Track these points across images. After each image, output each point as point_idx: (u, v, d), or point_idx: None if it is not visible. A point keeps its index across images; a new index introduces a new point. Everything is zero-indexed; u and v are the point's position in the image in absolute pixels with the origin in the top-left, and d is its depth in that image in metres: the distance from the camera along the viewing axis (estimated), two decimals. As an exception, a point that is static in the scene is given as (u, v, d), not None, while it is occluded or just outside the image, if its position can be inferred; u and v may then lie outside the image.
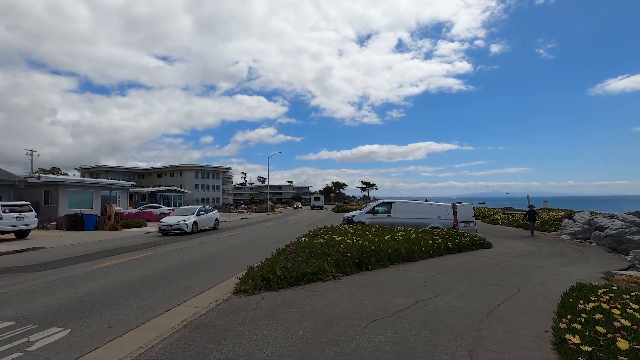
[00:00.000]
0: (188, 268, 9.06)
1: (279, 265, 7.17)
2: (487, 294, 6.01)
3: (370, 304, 5.43)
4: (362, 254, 8.70)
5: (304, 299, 5.75)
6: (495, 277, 7.65)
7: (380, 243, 9.80)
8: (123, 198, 36.71)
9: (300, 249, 8.77)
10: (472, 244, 12.98)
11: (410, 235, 11.94)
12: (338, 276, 7.52)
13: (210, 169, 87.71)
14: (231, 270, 8.58)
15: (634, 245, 13.33)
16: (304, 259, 7.79)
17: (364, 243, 9.45)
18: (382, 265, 8.95)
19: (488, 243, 13.81)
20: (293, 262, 7.41)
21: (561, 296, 5.34)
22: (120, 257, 10.79)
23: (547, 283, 7.05)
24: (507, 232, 20.00)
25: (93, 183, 30.89)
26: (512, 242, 15.74)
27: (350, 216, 17.46)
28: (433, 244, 11.30)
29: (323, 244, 9.17)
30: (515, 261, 10.12)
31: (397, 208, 16.81)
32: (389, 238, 10.76)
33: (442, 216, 16.41)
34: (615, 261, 11.18)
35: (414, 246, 10.56)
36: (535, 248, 13.86)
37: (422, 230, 13.31)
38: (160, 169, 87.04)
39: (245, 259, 10.17)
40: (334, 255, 8.26)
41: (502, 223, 25.45)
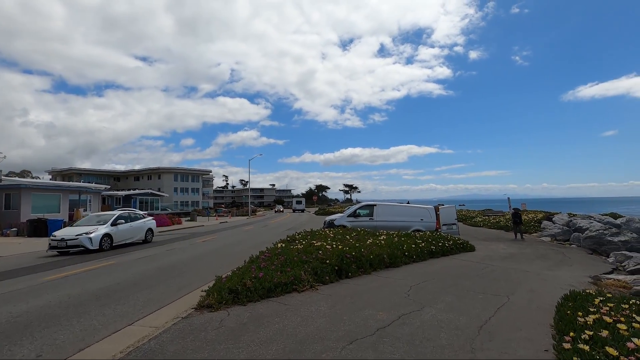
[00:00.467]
0: (152, 278, 8.23)
1: (249, 275, 6.49)
2: (476, 304, 5.53)
3: (349, 319, 4.84)
4: (341, 260, 8.12)
5: (274, 314, 5.10)
6: (482, 283, 7.21)
7: (361, 248, 9.25)
8: (94, 202, 34.89)
9: (275, 256, 8.11)
10: (456, 247, 12.64)
11: (393, 239, 11.46)
12: (315, 286, 6.90)
13: (190, 172, 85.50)
14: (200, 281, 7.81)
15: (614, 246, 13.33)
16: (278, 267, 7.13)
17: (344, 249, 8.87)
18: (363, 272, 8.40)
19: (471, 246, 13.52)
20: (265, 272, 6.74)
21: (556, 306, 4.90)
22: (77, 267, 9.81)
23: (537, 289, 6.66)
24: (488, 235, 19.91)
25: (60, 186, 29.16)
26: (494, 244, 15.55)
27: (332, 219, 16.91)
28: (416, 248, 10.86)
29: (300, 250, 8.53)
30: (500, 265, 9.78)
31: (379, 211, 16.37)
32: (370, 243, 10.23)
33: (424, 219, 16.08)
34: (598, 263, 11.04)
35: (396, 251, 10.07)
36: (518, 250, 13.67)
37: (405, 234, 12.88)
38: (138, 171, 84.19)
39: (218, 267, 9.41)
40: (311, 262, 7.64)
41: (483, 225, 25.49)
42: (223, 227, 28.62)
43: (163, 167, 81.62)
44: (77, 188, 31.22)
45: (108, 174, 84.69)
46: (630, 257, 11.77)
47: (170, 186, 79.66)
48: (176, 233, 23.31)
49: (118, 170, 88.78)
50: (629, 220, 20.63)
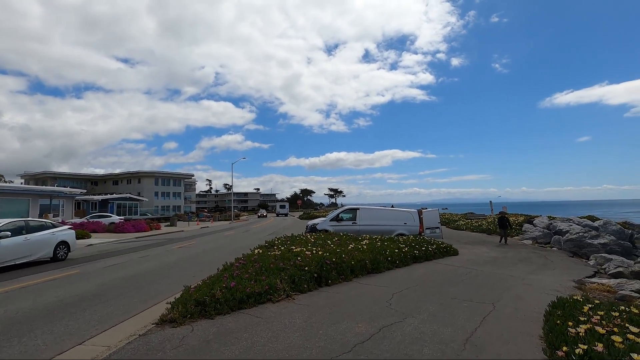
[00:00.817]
0: (117, 288, 7.60)
1: (220, 285, 6.00)
2: (461, 314, 5.21)
3: (325, 333, 4.43)
4: (321, 267, 7.71)
5: (244, 329, 4.64)
6: (466, 290, 6.93)
7: (342, 254, 8.87)
8: (67, 207, 33.38)
9: (250, 263, 7.63)
10: (439, 251, 12.43)
11: (376, 243, 11.14)
12: (292, 295, 6.46)
13: (171, 176, 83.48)
14: (169, 291, 7.24)
15: (594, 249, 13.42)
16: (252, 275, 6.65)
17: (325, 254, 8.47)
18: (344, 279, 8.01)
19: (454, 250, 13.35)
20: (238, 281, 6.26)
21: (545, 315, 4.63)
22: (35, 277, 9.05)
23: (522, 296, 6.41)
24: (471, 238, 19.90)
25: (29, 190, 27.71)
26: (477, 248, 15.46)
27: (314, 224, 16.49)
28: (399, 253, 10.57)
29: (278, 257, 8.07)
30: (484, 270, 9.57)
31: (362, 215, 16.06)
32: (352, 248, 9.86)
33: (408, 223, 15.87)
34: (580, 266, 11.01)
35: (379, 256, 9.74)
36: (500, 254, 13.58)
37: (389, 238, 12.59)
38: (117, 175, 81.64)
39: (191, 275, 8.84)
40: (289, 270, 7.20)
41: (466, 229, 25.58)
42: (203, 233, 27.75)
43: (143, 171, 79.41)
44: (48, 192, 29.74)
45: (85, 178, 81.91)
46: (610, 259, 11.83)
47: (151, 190, 77.58)
48: (153, 239, 22.38)
49: (96, 174, 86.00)
50: (606, 222, 21.04)
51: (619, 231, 19.98)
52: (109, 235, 24.92)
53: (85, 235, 22.63)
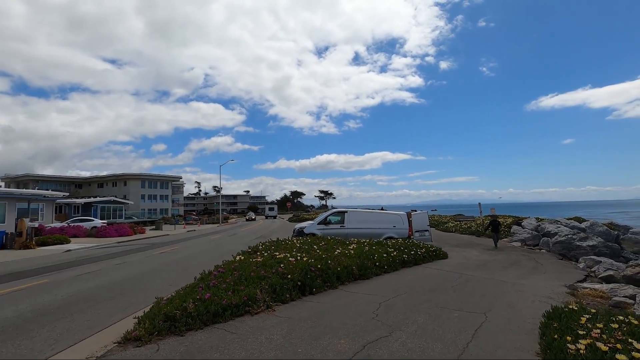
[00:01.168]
0: (85, 300, 7.06)
1: (194, 297, 5.55)
2: (452, 326, 4.88)
3: (304, 351, 4.03)
4: (305, 274, 7.31)
5: (215, 348, 4.21)
6: (456, 297, 6.62)
7: (328, 260, 8.49)
8: (47, 211, 32.21)
9: (229, 271, 7.18)
10: (429, 255, 12.16)
11: (364, 248, 10.79)
12: (273, 306, 6.04)
13: (158, 178, 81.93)
14: (141, 303, 6.74)
15: (582, 251, 13.34)
16: (230, 285, 6.22)
17: (310, 261, 8.07)
18: (330, 286, 7.62)
19: (444, 253, 13.11)
20: (214, 291, 5.82)
21: (540, 327, 4.33)
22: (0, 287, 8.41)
23: (515, 304, 6.13)
24: (460, 240, 19.76)
25: (5, 194, 26.57)
26: (466, 250, 15.27)
27: (301, 227, 16.08)
28: (388, 258, 10.24)
29: (259, 264, 7.65)
30: (475, 275, 9.30)
31: (351, 218, 15.73)
32: (339, 253, 9.48)
33: (397, 225, 15.58)
34: (570, 270, 10.85)
35: (367, 261, 9.39)
36: (490, 257, 13.40)
37: (377, 242, 12.25)
38: (102, 178, 79.77)
39: (168, 284, 8.34)
40: (270, 278, 6.78)
41: (455, 230, 25.49)
42: (189, 236, 27.05)
43: (129, 174, 77.79)
44: (26, 195, 28.62)
45: (69, 181, 79.85)
46: (599, 261, 11.72)
47: (137, 193, 76.04)
48: (136, 243, 21.65)
49: (80, 177, 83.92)
50: (592, 224, 21.16)
51: (606, 232, 20.09)
52: (90, 240, 24.04)
53: (64, 241, 21.77)
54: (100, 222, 31.53)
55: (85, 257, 14.56)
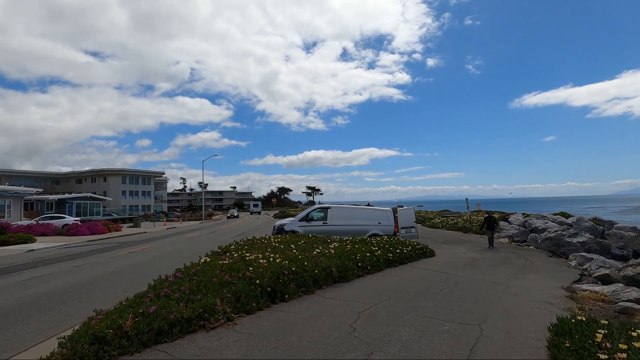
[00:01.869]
0: (18, 312, 6.02)
1: (135, 310, 4.61)
2: (442, 343, 4.09)
3: (258, 385, 3.17)
4: (277, 279, 6.45)
5: (146, 381, 3.31)
6: (446, 304, 5.86)
7: (305, 261, 7.64)
8: (15, 207, 30.41)
9: (187, 277, 6.26)
10: (415, 253, 11.47)
11: (345, 247, 9.99)
12: (234, 318, 5.16)
13: (140, 174, 79.51)
14: (84, 314, 5.72)
15: (572, 248, 12.89)
16: (184, 294, 5.29)
17: (283, 262, 7.21)
18: (305, 291, 6.79)
19: (431, 251, 12.46)
20: (164, 303, 4.90)
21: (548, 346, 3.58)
22: None
23: (512, 312, 5.40)
24: (447, 237, 19.22)
25: (-34, 189, 24.79)
26: (454, 248, 14.68)
27: (281, 224, 15.18)
28: (371, 257, 9.47)
29: (226, 267, 6.73)
30: (464, 275, 8.62)
31: (334, 214, 14.91)
32: (317, 253, 8.65)
33: (382, 222, 14.85)
34: (563, 268, 10.30)
35: (348, 262, 8.60)
36: (479, 254, 12.82)
37: (360, 240, 11.48)
38: (80, 173, 76.85)
39: (123, 290, 7.34)
40: (235, 284, 5.89)
41: (442, 227, 25.02)
42: (167, 234, 25.82)
43: (109, 169, 75.22)
44: (-10, 192, 26.85)
45: (46, 177, 76.75)
46: (591, 259, 11.24)
47: (118, 189, 73.72)
48: (106, 242, 20.36)
49: (57, 172, 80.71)
50: (579, 219, 20.96)
51: (592, 228, 19.90)
52: (58, 239, 22.56)
53: (28, 240, 20.30)
54: (72, 220, 29.89)
55: (45, 258, 13.32)
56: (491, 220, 15.36)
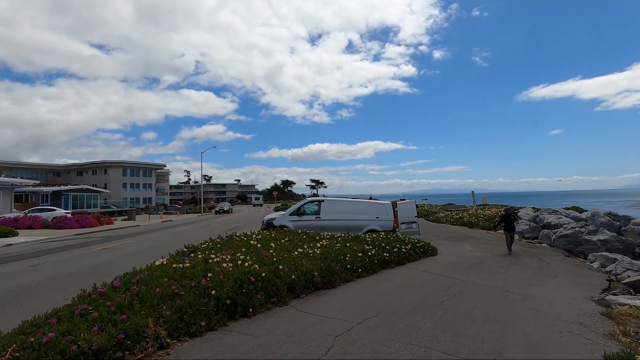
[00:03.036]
0: None
1: (25, 340, 3.41)
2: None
3: None
4: (240, 288, 5.23)
5: None
6: (449, 325, 4.60)
7: (281, 263, 6.42)
8: (5, 200, 29.55)
9: (126, 286, 5.05)
10: (415, 252, 10.23)
11: (334, 246, 8.75)
12: (171, 344, 3.95)
13: (141, 166, 78.75)
14: None
15: (592, 246, 11.54)
16: (107, 313, 4.08)
17: (253, 267, 5.98)
18: (277, 302, 5.58)
19: (433, 249, 11.21)
20: (69, 326, 3.68)
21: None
22: None
23: (536, 339, 4.11)
24: (451, 232, 17.92)
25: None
26: (458, 245, 13.40)
27: (270, 219, 13.96)
28: (363, 258, 8.23)
29: (178, 274, 5.52)
30: (470, 280, 7.34)
31: (327, 208, 13.65)
32: (299, 254, 7.42)
33: (380, 217, 13.55)
34: (584, 271, 8.98)
35: (335, 263, 7.37)
36: (486, 253, 11.54)
37: (354, 238, 10.23)
38: (81, 165, 76.26)
39: (63, 298, 6.15)
40: (183, 296, 4.68)
41: (446, 221, 23.66)
42: (158, 228, 24.78)
43: (110, 161, 74.57)
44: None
45: (47, 169, 76.35)
46: (614, 259, 9.91)
47: (119, 181, 73.16)
48: (90, 236, 19.34)
49: (58, 165, 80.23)
50: (594, 214, 19.52)
51: (608, 223, 18.49)
52: (44, 233, 21.60)
53: (9, 233, 19.33)
54: (63, 212, 28.92)
55: (11, 254, 12.24)
56: (510, 218, 12.05)
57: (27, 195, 40.68)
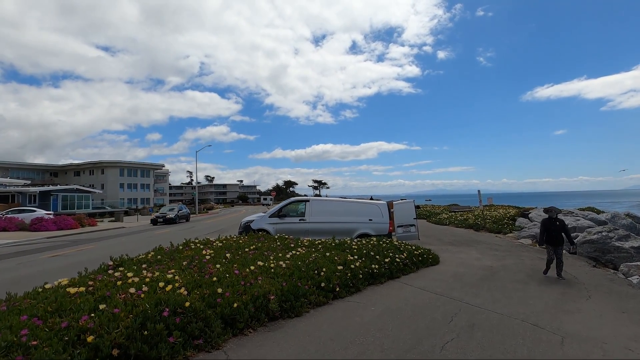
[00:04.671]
0: None
1: None
2: None
3: None
4: (140, 328, 3.51)
5: None
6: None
7: (222, 285, 4.70)
8: (-16, 200, 28.05)
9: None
10: (411, 261, 8.49)
11: (309, 256, 7.01)
12: None
13: (139, 166, 77.42)
14: None
15: (624, 255, 9.69)
16: None
17: (177, 291, 4.26)
18: (202, 345, 3.85)
19: (434, 257, 9.48)
20: None
21: None
22: None
23: None
24: (456, 236, 16.12)
25: None
26: (463, 251, 11.62)
27: (248, 221, 12.25)
28: (344, 272, 6.49)
29: (55, 306, 3.81)
30: (481, 303, 5.58)
31: (314, 208, 11.92)
32: (255, 269, 5.69)
33: (374, 219, 11.78)
34: (624, 289, 7.14)
35: (304, 281, 5.65)
36: (496, 261, 9.77)
37: (337, 245, 8.48)
38: (78, 166, 75.08)
39: None
40: (36, 348, 2.97)
41: (449, 223, 21.81)
42: (141, 230, 23.16)
43: (106, 161, 73.35)
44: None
45: (43, 169, 75.29)
46: (655, 272, 8.07)
47: (116, 182, 71.93)
48: (61, 240, 17.74)
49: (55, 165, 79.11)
50: (614, 215, 17.63)
51: (630, 225, 16.66)
52: (15, 236, 20.03)
53: (-26, 236, 17.79)
54: (44, 213, 27.37)
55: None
56: (556, 224, 7.76)
57: (14, 196, 39.27)
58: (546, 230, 7.89)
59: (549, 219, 7.96)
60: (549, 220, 7.94)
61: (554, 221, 7.87)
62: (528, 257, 10.52)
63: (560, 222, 7.88)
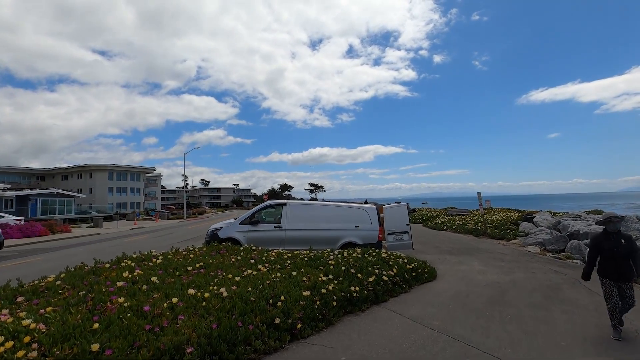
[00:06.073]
0: None
1: None
2: None
3: None
4: None
5: None
6: None
7: (103, 337, 3.09)
8: (-50, 205, 26.15)
9: None
10: (402, 278, 6.93)
11: (266, 279, 5.40)
12: None
13: (129, 170, 75.46)
14: None
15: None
16: None
17: (30, 353, 2.65)
18: None
19: (430, 270, 7.95)
20: None
21: None
22: None
23: None
24: (454, 243, 14.58)
25: None
26: (464, 262, 10.08)
27: (215, 229, 10.61)
28: (311, 299, 4.90)
29: None
30: (495, 347, 4.02)
31: (291, 213, 10.30)
32: (175, 305, 4.08)
33: (362, 225, 10.17)
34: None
35: (249, 317, 4.05)
36: (504, 275, 8.25)
37: (308, 261, 6.87)
38: (65, 169, 73.02)
39: None
40: None
41: (447, 228, 20.24)
42: (119, 236, 21.40)
43: (95, 164, 71.29)
44: None
45: (30, 173, 73.18)
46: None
47: (104, 186, 69.96)
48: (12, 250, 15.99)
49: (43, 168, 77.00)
50: (627, 219, 16.23)
51: (646, 231, 15.18)
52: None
53: None
54: (13, 219, 25.49)
55: None
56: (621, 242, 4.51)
57: (-11, 201, 37.23)
58: (600, 252, 4.70)
59: (605, 234, 4.72)
60: (606, 236, 4.68)
61: (617, 238, 4.57)
62: (540, 270, 8.99)
63: (626, 239, 4.56)
